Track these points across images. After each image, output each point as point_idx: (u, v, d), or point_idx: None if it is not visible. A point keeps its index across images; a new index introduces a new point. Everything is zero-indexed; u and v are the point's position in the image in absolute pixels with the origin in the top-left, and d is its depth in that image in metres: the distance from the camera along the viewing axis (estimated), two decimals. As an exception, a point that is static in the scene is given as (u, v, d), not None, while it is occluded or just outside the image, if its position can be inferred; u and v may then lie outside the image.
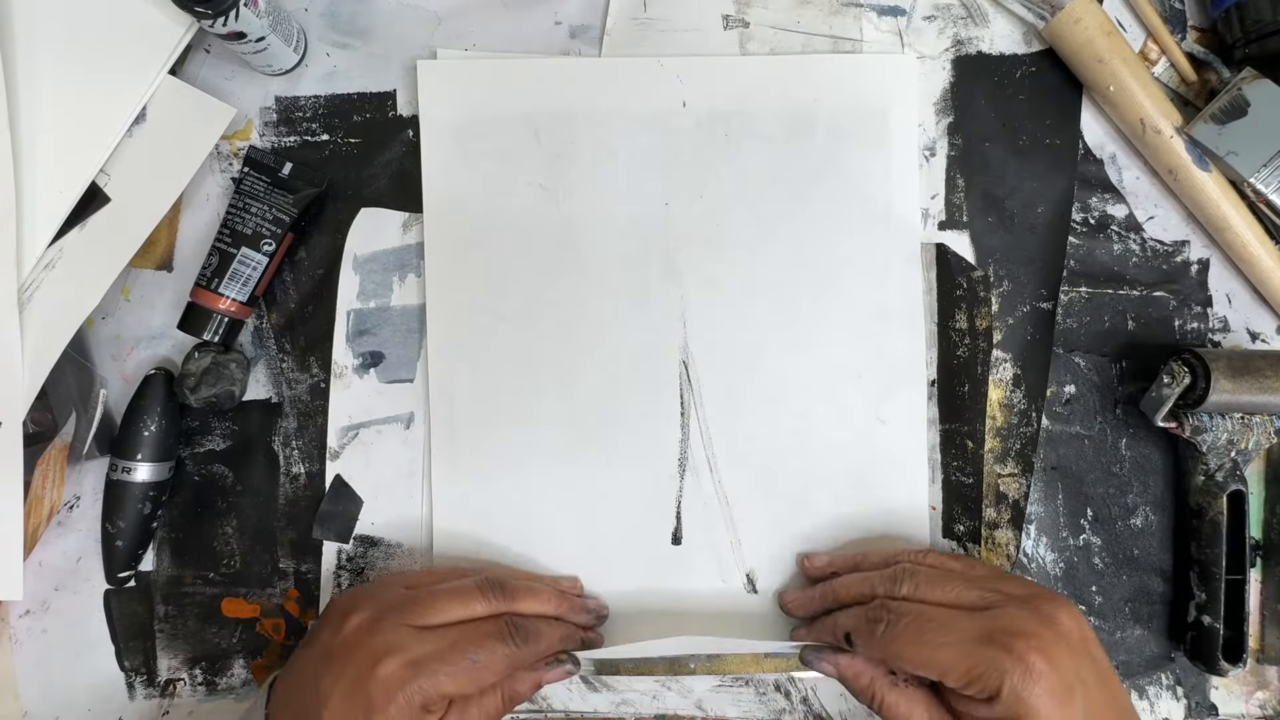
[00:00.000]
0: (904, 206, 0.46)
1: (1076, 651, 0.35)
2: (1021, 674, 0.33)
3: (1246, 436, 0.44)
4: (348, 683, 0.35)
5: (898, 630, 0.37)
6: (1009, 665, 0.34)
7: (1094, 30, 0.44)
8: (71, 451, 0.45)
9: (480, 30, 0.47)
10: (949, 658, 0.35)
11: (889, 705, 0.37)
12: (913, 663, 0.36)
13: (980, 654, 0.34)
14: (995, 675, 0.34)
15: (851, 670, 0.39)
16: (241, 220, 0.44)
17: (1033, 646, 0.34)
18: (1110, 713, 0.35)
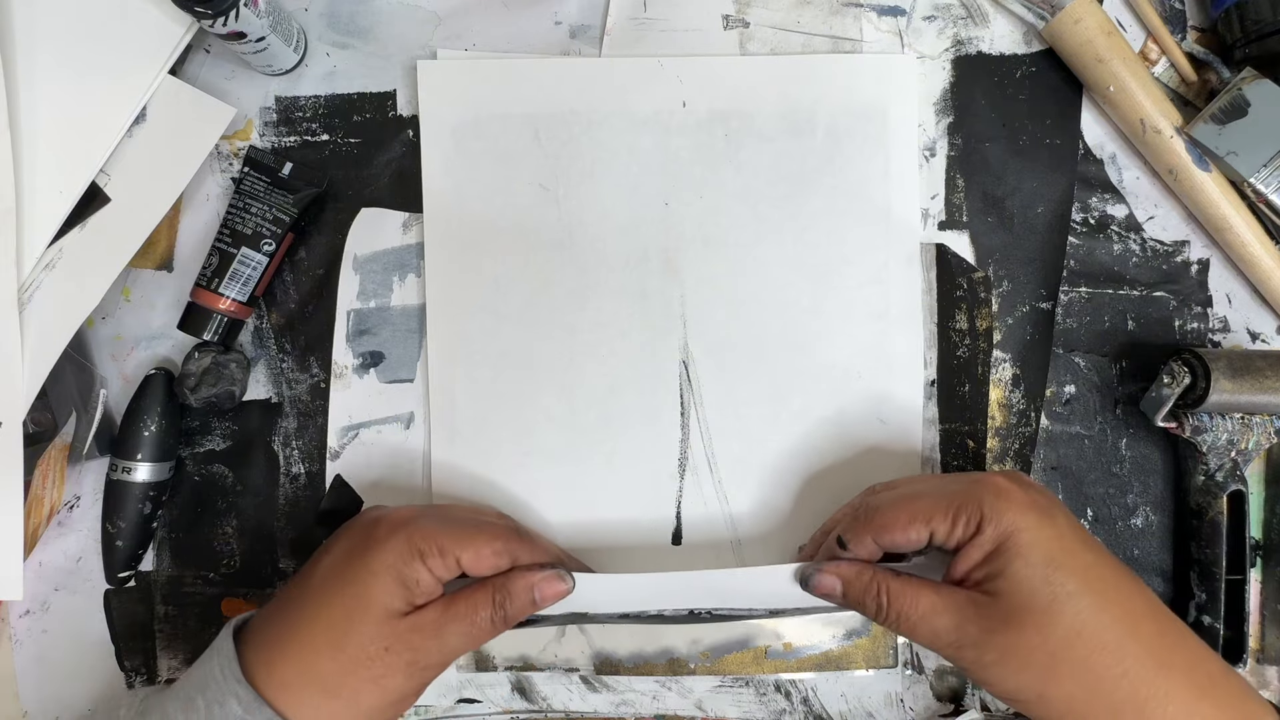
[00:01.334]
0: (904, 206, 0.46)
1: (1046, 495, 0.37)
2: (995, 495, 0.35)
3: (1246, 436, 0.44)
4: (351, 531, 0.36)
5: (881, 505, 0.37)
6: (983, 493, 0.35)
7: (1094, 30, 0.44)
8: (71, 451, 0.45)
9: (480, 30, 0.47)
10: (929, 505, 0.36)
11: (893, 594, 0.36)
12: (899, 524, 0.36)
13: (956, 494, 0.36)
14: (973, 505, 0.35)
15: (852, 571, 0.37)
16: (241, 220, 0.44)
17: (1002, 475, 0.36)
18: (1088, 546, 0.35)
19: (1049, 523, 0.34)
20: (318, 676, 0.34)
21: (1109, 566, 0.35)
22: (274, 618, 0.37)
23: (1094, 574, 0.34)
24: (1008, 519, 0.34)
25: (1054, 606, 0.32)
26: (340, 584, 0.36)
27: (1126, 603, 0.34)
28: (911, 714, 0.47)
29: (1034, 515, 0.34)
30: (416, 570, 0.35)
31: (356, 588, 0.35)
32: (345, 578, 0.36)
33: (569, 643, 0.46)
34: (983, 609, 0.34)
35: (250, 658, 0.35)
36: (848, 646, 0.46)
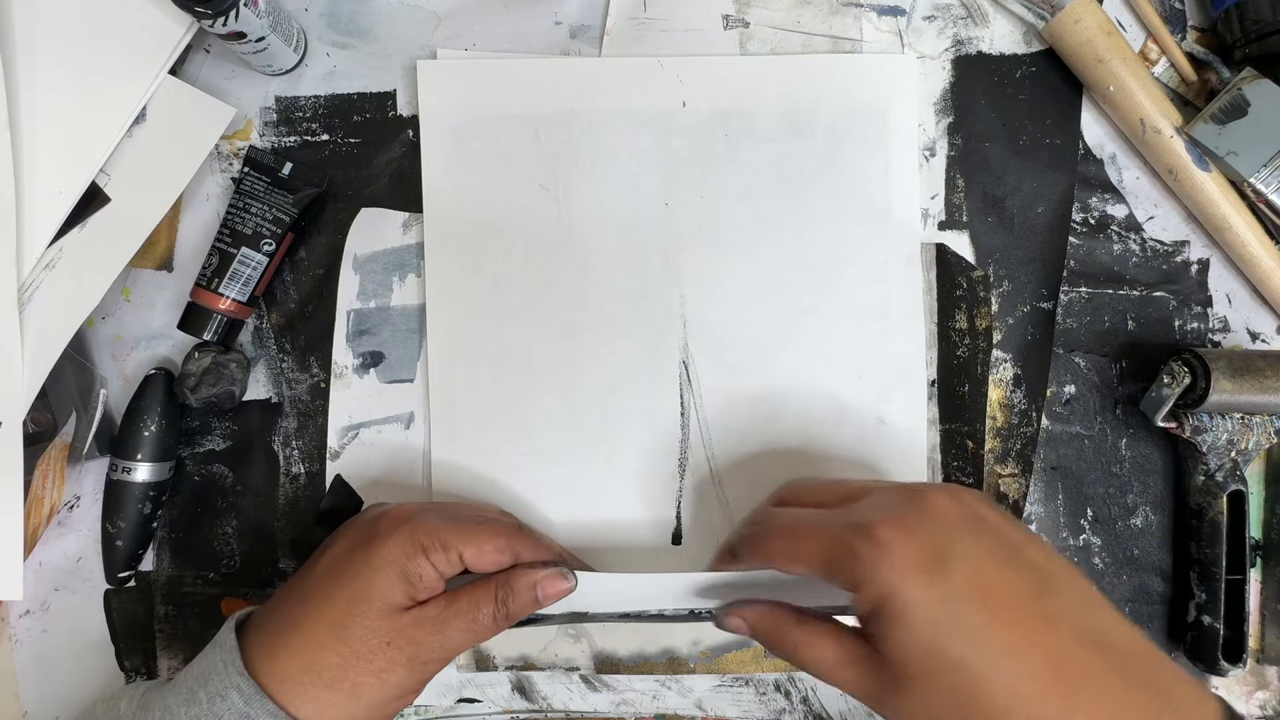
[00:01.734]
0: (904, 206, 0.46)
1: (953, 526, 0.32)
2: (871, 550, 0.30)
3: (1246, 436, 0.44)
4: (354, 527, 0.37)
5: (769, 528, 0.35)
6: (859, 545, 0.31)
7: (1094, 30, 0.44)
8: (71, 451, 0.45)
9: (480, 30, 0.47)
10: (808, 547, 0.33)
11: (797, 644, 0.34)
12: (781, 556, 0.34)
13: (835, 539, 0.32)
14: (848, 559, 0.31)
15: (755, 615, 0.36)
16: (241, 220, 0.44)
17: (887, 521, 0.31)
18: (1020, 580, 0.31)
19: (932, 585, 0.30)
20: (319, 669, 0.34)
21: (1012, 617, 0.30)
22: (276, 612, 0.37)
23: (987, 636, 0.30)
24: (883, 581, 0.30)
25: (936, 675, 0.30)
26: (343, 578, 0.36)
27: (1031, 658, 0.29)
28: (911, 714, 0.47)
29: (913, 578, 0.30)
30: (419, 565, 0.35)
31: (359, 582, 0.35)
32: (348, 572, 0.36)
33: (569, 642, 0.46)
34: (876, 666, 0.31)
35: (252, 651, 0.35)
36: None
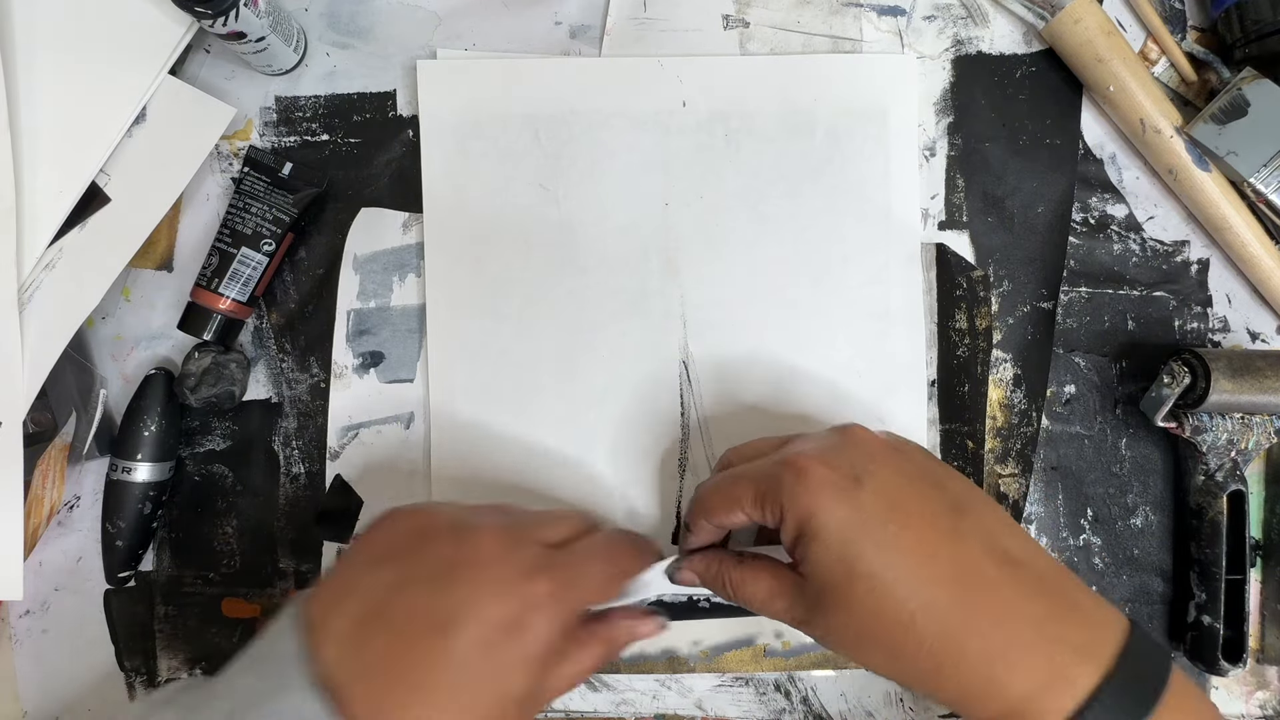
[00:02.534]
0: (904, 206, 0.46)
1: (872, 452, 0.33)
2: (791, 477, 0.32)
3: (1246, 436, 0.44)
4: (492, 605, 0.31)
5: (710, 488, 0.36)
6: (782, 474, 0.33)
7: (1094, 30, 0.44)
8: (71, 451, 0.45)
9: (480, 30, 0.47)
10: (741, 490, 0.34)
11: (736, 583, 0.36)
12: (718, 509, 0.35)
13: (763, 477, 0.34)
14: (774, 489, 0.33)
15: (702, 564, 0.38)
16: (241, 220, 0.44)
17: (807, 452, 0.33)
18: (933, 498, 0.33)
19: (847, 500, 0.32)
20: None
21: (921, 529, 0.32)
22: (401, 690, 0.31)
23: (897, 547, 0.31)
24: (802, 503, 0.32)
25: (851, 588, 0.31)
26: (483, 674, 0.31)
27: (938, 567, 0.31)
28: (911, 713, 0.47)
29: (829, 495, 0.32)
30: (556, 677, 0.34)
31: (501, 683, 0.31)
32: (502, 646, 0.31)
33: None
34: (802, 590, 0.33)
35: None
36: (848, 646, 0.46)
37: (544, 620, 0.31)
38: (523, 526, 0.34)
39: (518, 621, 0.31)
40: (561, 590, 0.32)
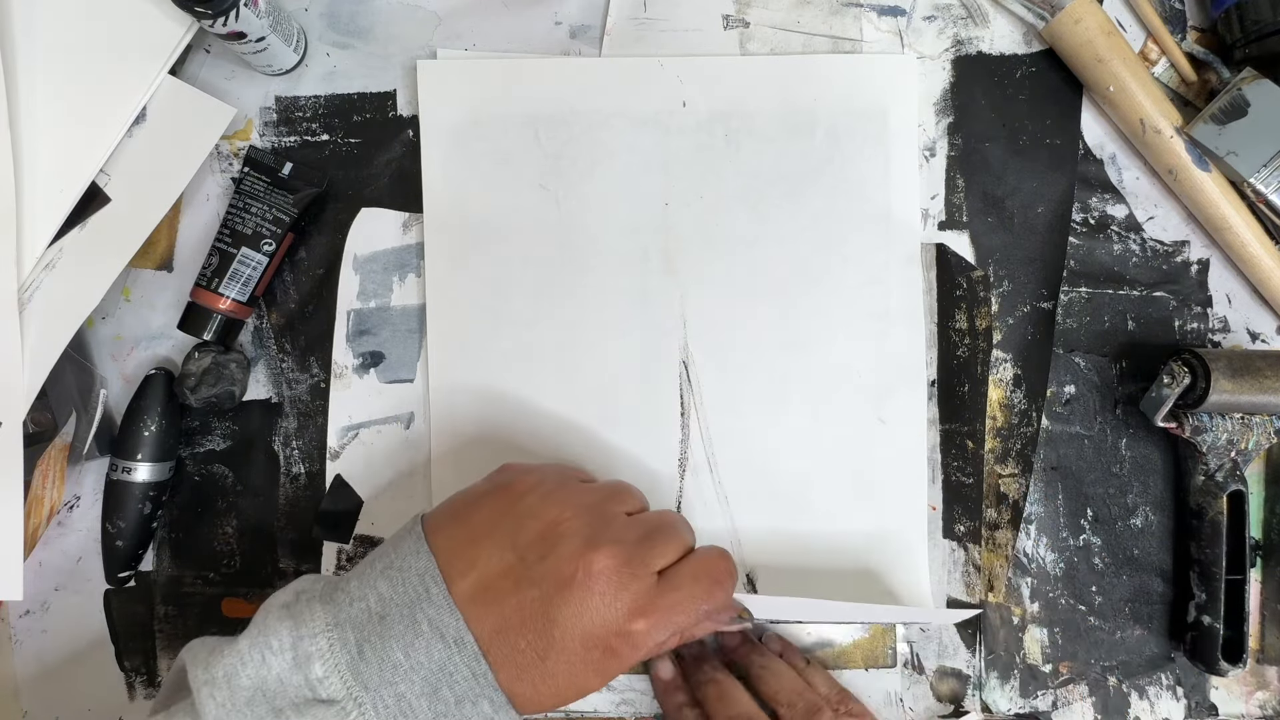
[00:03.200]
0: (904, 206, 0.46)
1: None
2: None
3: (1246, 437, 0.44)
4: (595, 628, 0.33)
5: None
6: None
7: (1094, 30, 0.44)
8: (71, 451, 0.45)
9: (480, 30, 0.47)
10: None
11: None
12: None
13: None
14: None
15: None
16: (241, 220, 0.44)
17: None
18: None
19: None
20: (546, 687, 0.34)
21: None
22: (529, 659, 0.33)
23: None
24: None
25: None
26: (593, 662, 0.34)
27: None
28: (911, 714, 0.47)
29: None
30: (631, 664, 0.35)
31: (584, 684, 0.34)
32: (594, 662, 0.34)
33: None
34: None
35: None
36: (846, 646, 0.46)
37: (634, 652, 0.34)
38: (639, 556, 0.35)
39: (612, 650, 0.33)
40: (658, 629, 0.34)
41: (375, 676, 0.31)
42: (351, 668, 0.31)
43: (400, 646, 0.31)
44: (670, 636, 0.36)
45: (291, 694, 0.31)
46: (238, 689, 0.31)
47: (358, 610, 0.32)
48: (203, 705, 0.30)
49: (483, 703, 0.32)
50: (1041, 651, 0.47)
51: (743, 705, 0.42)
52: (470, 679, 0.32)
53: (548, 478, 0.37)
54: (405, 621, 0.32)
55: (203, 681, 0.31)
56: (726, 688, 0.43)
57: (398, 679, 0.31)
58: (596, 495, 0.37)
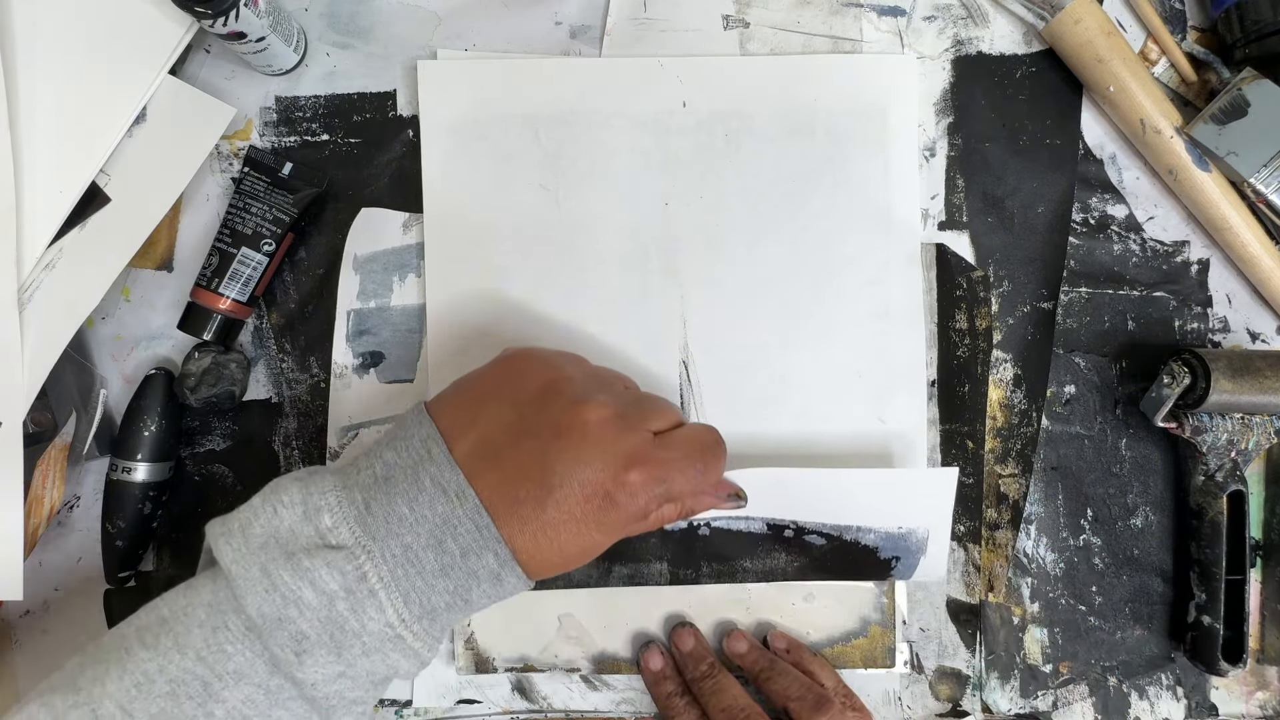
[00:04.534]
0: (904, 206, 0.46)
1: None
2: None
3: (1246, 437, 0.44)
4: (592, 474, 0.33)
5: None
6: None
7: (1094, 30, 0.44)
8: (71, 451, 0.45)
9: (480, 30, 0.47)
10: None
11: None
12: None
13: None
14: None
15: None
16: (241, 220, 0.44)
17: None
18: None
19: None
20: (548, 542, 0.34)
21: None
22: (529, 510, 0.33)
23: None
24: None
25: None
26: (589, 514, 0.34)
27: None
28: (910, 713, 0.47)
29: None
30: (635, 530, 0.36)
31: (586, 538, 0.34)
32: (593, 512, 0.34)
33: (569, 643, 0.46)
34: None
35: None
36: (845, 647, 0.46)
37: (631, 501, 0.34)
38: (634, 413, 0.36)
39: (609, 497, 0.33)
40: (652, 482, 0.34)
41: (382, 528, 0.32)
42: (359, 520, 0.32)
43: (405, 501, 0.32)
44: (669, 505, 0.36)
45: (303, 541, 0.32)
46: (251, 536, 0.32)
47: (365, 476, 0.33)
48: (219, 552, 0.31)
49: (487, 555, 0.32)
50: (1042, 652, 0.47)
51: (736, 695, 0.42)
52: (474, 531, 0.32)
53: (548, 352, 0.38)
54: (409, 480, 0.33)
55: (219, 533, 0.32)
56: (721, 680, 0.43)
57: (403, 531, 0.32)
58: (595, 367, 0.39)
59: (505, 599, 0.34)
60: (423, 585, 0.32)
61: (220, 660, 0.30)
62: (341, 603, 0.31)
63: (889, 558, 0.44)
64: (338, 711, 0.32)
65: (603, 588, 0.46)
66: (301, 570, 0.31)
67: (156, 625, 0.32)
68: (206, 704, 0.30)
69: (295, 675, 0.31)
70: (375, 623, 0.31)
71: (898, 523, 0.44)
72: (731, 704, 0.42)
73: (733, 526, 0.45)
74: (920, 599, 0.47)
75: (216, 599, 0.31)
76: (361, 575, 0.31)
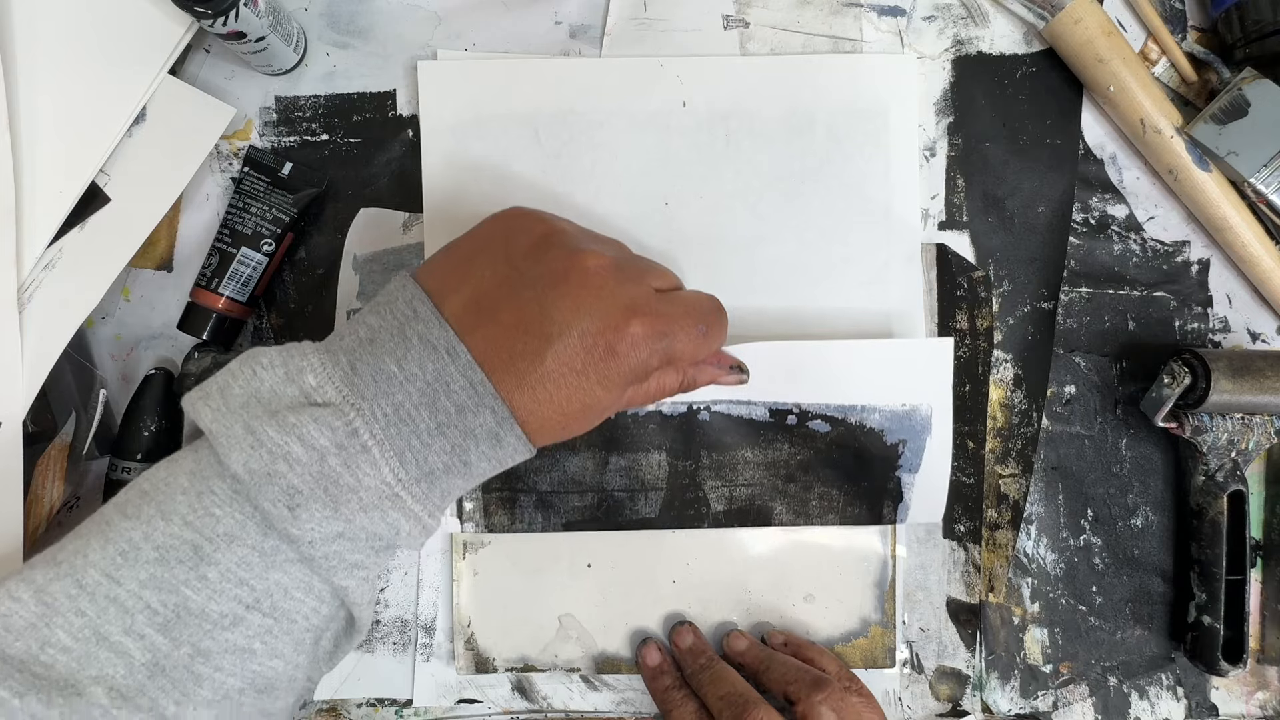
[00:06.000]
0: (904, 206, 0.46)
1: None
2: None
3: (1247, 437, 0.44)
4: (591, 323, 0.32)
5: None
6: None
7: (1094, 30, 0.44)
8: (71, 451, 0.45)
9: (480, 30, 0.47)
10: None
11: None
12: None
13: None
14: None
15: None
16: (241, 220, 0.44)
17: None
18: None
19: None
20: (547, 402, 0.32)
21: None
22: (526, 364, 0.31)
23: None
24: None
25: None
26: (592, 364, 0.32)
27: None
28: (910, 713, 0.47)
29: None
30: (636, 394, 0.35)
31: (586, 394, 0.32)
32: (594, 368, 0.32)
33: (569, 642, 0.46)
34: None
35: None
36: (845, 647, 0.46)
37: (633, 352, 0.32)
38: (633, 267, 0.35)
39: (611, 348, 0.32)
40: (654, 336, 0.33)
41: (370, 387, 0.30)
42: (345, 380, 0.30)
43: (393, 360, 0.30)
44: (670, 374, 0.35)
45: (286, 400, 0.30)
46: (231, 397, 0.30)
47: (348, 341, 0.32)
48: (198, 414, 0.30)
49: (484, 412, 0.31)
50: (1042, 652, 0.47)
51: (734, 683, 0.42)
52: (467, 387, 0.30)
53: (538, 210, 0.36)
54: (395, 339, 0.31)
55: (195, 398, 0.30)
56: (719, 669, 0.43)
57: (393, 389, 0.30)
58: (592, 231, 0.37)
59: (506, 465, 0.33)
60: (418, 444, 0.30)
61: (209, 524, 0.29)
62: (333, 458, 0.29)
63: (895, 442, 0.44)
64: (339, 573, 0.30)
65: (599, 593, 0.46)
66: (288, 426, 0.29)
67: (138, 498, 0.30)
68: (199, 567, 0.29)
69: (290, 532, 0.29)
70: (371, 479, 0.30)
71: (901, 399, 0.43)
72: (730, 691, 0.41)
73: (733, 412, 0.44)
74: (920, 599, 0.47)
75: (199, 466, 0.30)
76: (352, 431, 0.29)
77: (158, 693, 0.28)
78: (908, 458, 0.44)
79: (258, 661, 0.30)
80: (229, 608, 0.29)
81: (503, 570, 0.46)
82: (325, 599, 0.31)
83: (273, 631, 0.30)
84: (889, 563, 0.46)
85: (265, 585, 0.29)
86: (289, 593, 0.30)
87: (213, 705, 0.29)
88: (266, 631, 0.30)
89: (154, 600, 0.28)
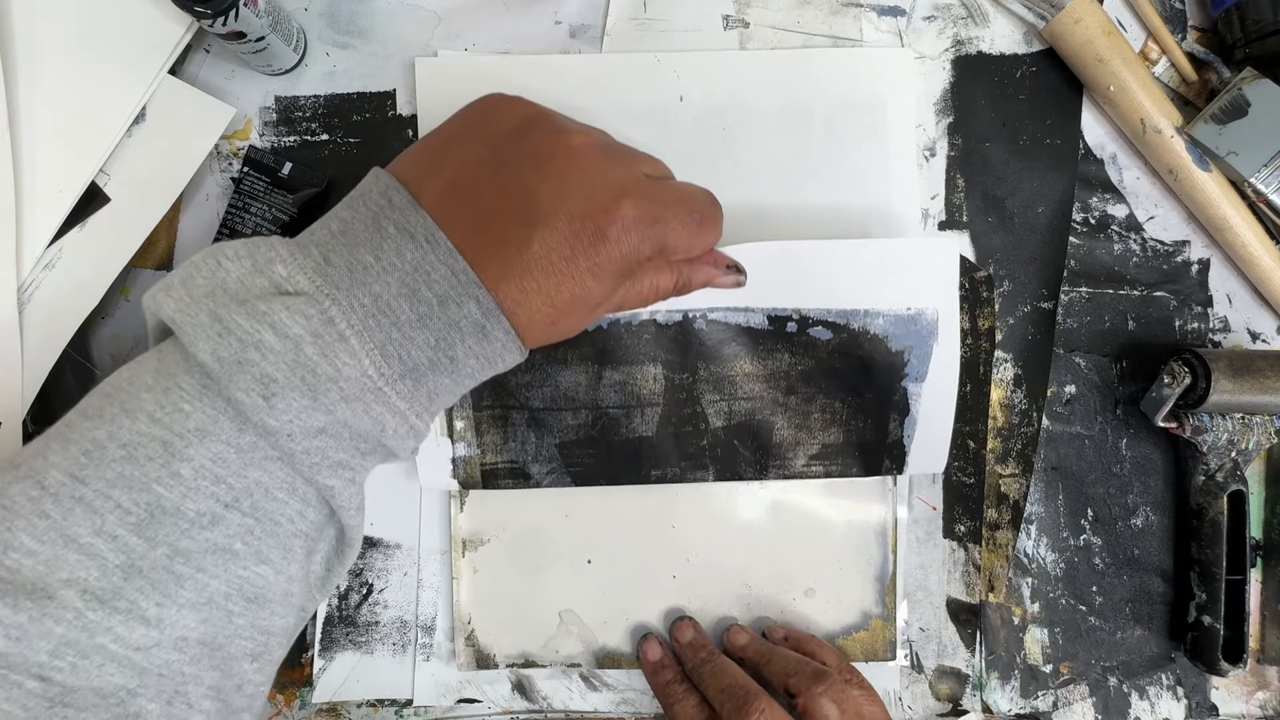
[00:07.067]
0: (903, 200, 0.46)
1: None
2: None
3: (1247, 437, 0.44)
4: (580, 205, 0.30)
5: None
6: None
7: (1094, 30, 0.44)
8: (71, 451, 0.45)
9: (480, 30, 0.47)
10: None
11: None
12: None
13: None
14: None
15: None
16: (241, 220, 0.44)
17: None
18: None
19: None
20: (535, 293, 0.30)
21: None
22: (512, 252, 0.30)
23: None
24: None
25: None
26: (581, 249, 0.30)
27: None
28: (910, 713, 0.47)
29: None
30: (630, 290, 0.33)
31: (576, 284, 0.31)
32: (583, 249, 0.30)
33: (570, 638, 0.46)
34: None
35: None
36: (846, 641, 0.46)
37: (624, 237, 0.30)
38: (622, 150, 0.33)
39: (600, 231, 0.30)
40: (646, 221, 0.31)
41: (345, 278, 0.28)
42: (319, 271, 0.28)
43: (369, 250, 0.29)
44: (665, 272, 0.33)
45: (255, 291, 0.28)
46: (194, 287, 0.28)
47: (319, 235, 0.30)
48: (160, 305, 0.28)
49: (468, 303, 0.29)
50: (1042, 652, 0.47)
51: (735, 675, 0.42)
52: (449, 276, 0.29)
53: (520, 98, 0.34)
54: (370, 229, 0.29)
55: (156, 290, 0.28)
56: (719, 662, 0.43)
57: (370, 279, 0.28)
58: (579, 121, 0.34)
59: (497, 367, 0.31)
60: (399, 337, 0.28)
61: (178, 419, 0.27)
62: (309, 346, 0.27)
63: (900, 349, 0.42)
64: (322, 471, 0.28)
65: (599, 589, 0.46)
66: (258, 314, 0.27)
67: (99, 400, 0.28)
68: (170, 464, 0.26)
69: (267, 423, 0.27)
70: (351, 369, 0.28)
71: (905, 303, 0.41)
72: (731, 684, 0.41)
73: (731, 320, 0.42)
74: (920, 599, 0.47)
75: (164, 363, 0.28)
76: (328, 319, 0.27)
77: (136, 594, 0.26)
78: (914, 365, 0.42)
79: (241, 565, 0.28)
80: (206, 505, 0.27)
81: (502, 567, 0.46)
82: (311, 502, 0.29)
83: (254, 532, 0.28)
84: (889, 557, 0.46)
85: (244, 484, 0.27)
86: (270, 493, 0.28)
87: (198, 608, 0.27)
88: (248, 532, 0.28)
89: (124, 499, 0.26)
